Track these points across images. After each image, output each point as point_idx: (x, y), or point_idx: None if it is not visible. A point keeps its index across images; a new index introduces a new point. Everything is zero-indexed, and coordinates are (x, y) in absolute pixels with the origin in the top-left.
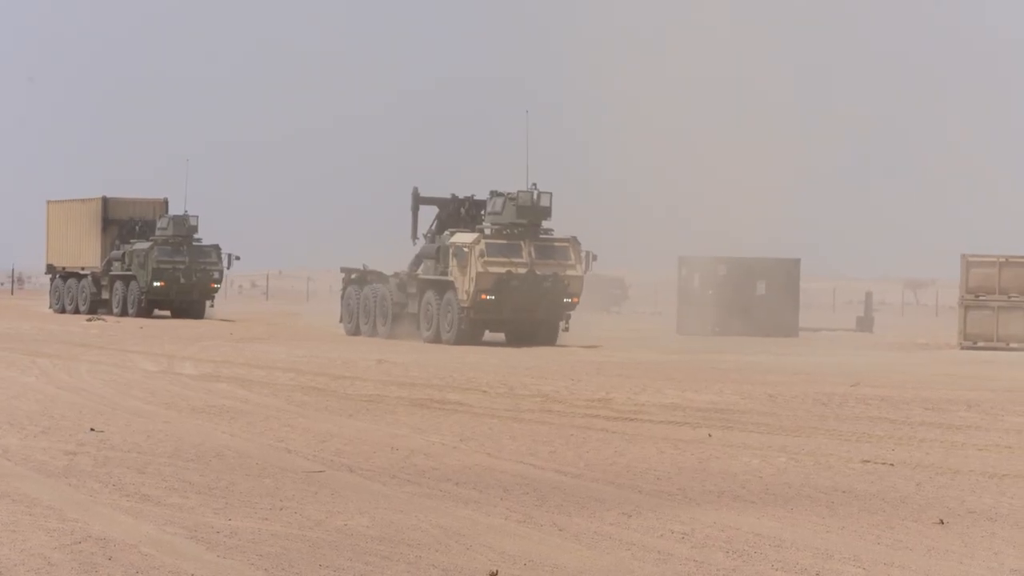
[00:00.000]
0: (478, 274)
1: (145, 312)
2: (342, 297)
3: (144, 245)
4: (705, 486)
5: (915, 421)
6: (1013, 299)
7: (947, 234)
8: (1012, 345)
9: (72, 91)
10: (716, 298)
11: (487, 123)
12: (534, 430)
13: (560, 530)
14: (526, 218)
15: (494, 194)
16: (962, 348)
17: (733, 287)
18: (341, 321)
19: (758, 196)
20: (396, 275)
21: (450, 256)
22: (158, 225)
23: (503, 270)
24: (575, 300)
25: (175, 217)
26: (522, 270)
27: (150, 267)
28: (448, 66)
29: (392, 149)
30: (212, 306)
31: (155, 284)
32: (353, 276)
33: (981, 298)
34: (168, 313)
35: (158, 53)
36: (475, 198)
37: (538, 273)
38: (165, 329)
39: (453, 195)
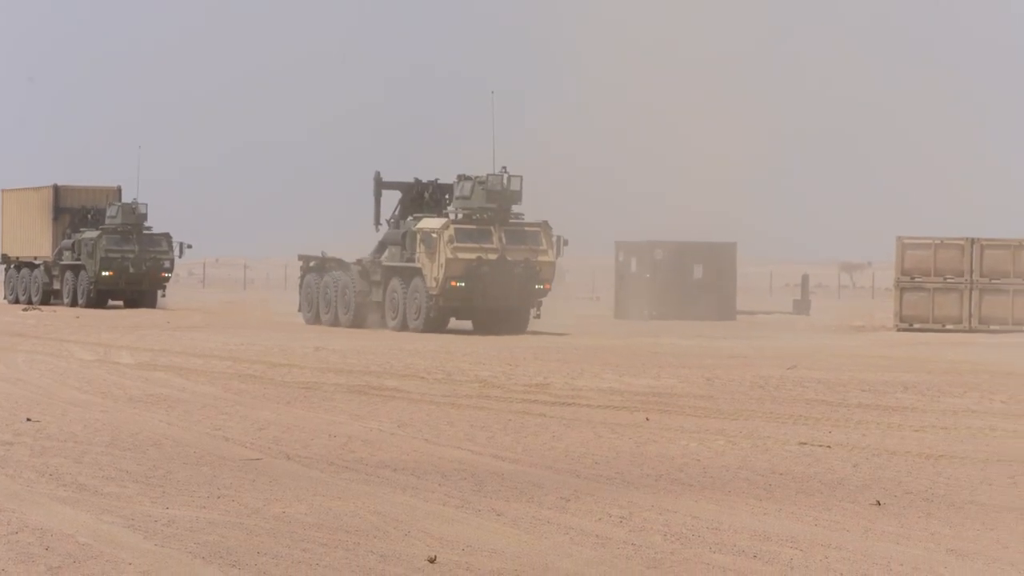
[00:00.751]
0: (447, 260)
1: (96, 303)
2: (300, 285)
3: (93, 234)
4: (643, 470)
5: (852, 403)
6: (948, 281)
7: (882, 217)
8: (948, 326)
9: (36, 81)
10: (653, 282)
11: (445, 106)
12: (472, 416)
13: (498, 515)
14: (496, 202)
15: (462, 178)
16: (898, 330)
17: (670, 271)
18: (300, 310)
19: (695, 180)
20: (358, 262)
21: (417, 242)
22: (107, 213)
23: (473, 256)
24: (547, 286)
25: (124, 205)
26: (493, 256)
27: (98, 256)
28: (407, 50)
29: (338, 133)
30: (164, 295)
31: (104, 273)
32: (312, 264)
33: (917, 280)
34: (121, 303)
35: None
36: (439, 182)
37: (509, 259)
38: (102, 318)
39: (416, 179)
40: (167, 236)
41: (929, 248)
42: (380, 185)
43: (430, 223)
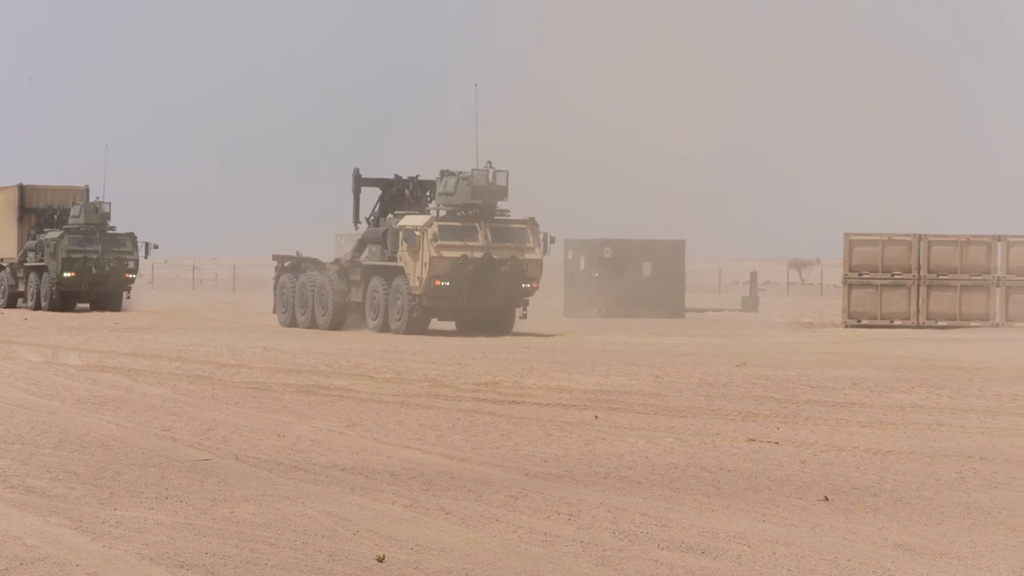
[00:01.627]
0: (431, 259)
1: (61, 305)
2: (275, 286)
3: (55, 234)
4: (592, 468)
5: (800, 399)
6: (896, 277)
7: (831, 214)
8: (895, 322)
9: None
10: (602, 280)
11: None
12: (421, 415)
13: (447, 514)
14: (481, 198)
15: (445, 173)
16: (846, 326)
17: (619, 269)
18: (275, 312)
19: (643, 178)
20: (336, 262)
21: (400, 240)
22: (71, 213)
23: (458, 254)
24: (534, 285)
25: (87, 204)
26: (478, 254)
27: (60, 257)
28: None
29: (301, 130)
30: (129, 297)
31: (65, 275)
32: (287, 264)
33: (864, 276)
34: (88, 306)
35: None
36: (420, 178)
37: (495, 257)
38: (50, 320)
39: (396, 175)
40: (131, 236)
41: (877, 245)
42: (359, 182)
43: (413, 220)
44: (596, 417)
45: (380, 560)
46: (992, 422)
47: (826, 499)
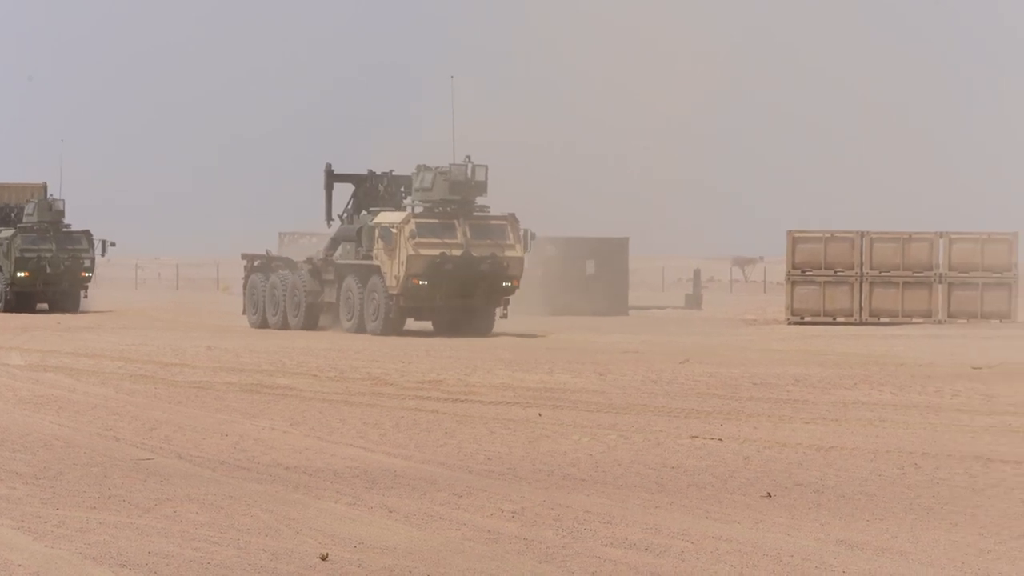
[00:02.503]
0: (408, 257)
1: (16, 306)
2: (244, 286)
3: (8, 233)
4: (535, 465)
5: (743, 396)
6: (839, 274)
7: (774, 211)
8: (838, 319)
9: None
10: (546, 278)
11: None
12: (364, 413)
13: (390, 512)
14: (459, 194)
15: (422, 168)
16: (789, 323)
17: (562, 267)
18: (244, 312)
19: (588, 176)
20: (308, 260)
21: (375, 238)
22: (25, 211)
23: (436, 252)
24: (515, 283)
25: (40, 201)
26: (457, 252)
27: (13, 256)
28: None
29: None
30: (86, 296)
31: (19, 274)
32: (256, 263)
33: (807, 273)
34: (47, 307)
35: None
36: (394, 174)
37: (474, 255)
38: None
39: (370, 171)
40: (87, 233)
41: (819, 242)
42: (331, 178)
43: (389, 217)
44: (540, 415)
45: (323, 558)
46: (934, 418)
47: (769, 495)
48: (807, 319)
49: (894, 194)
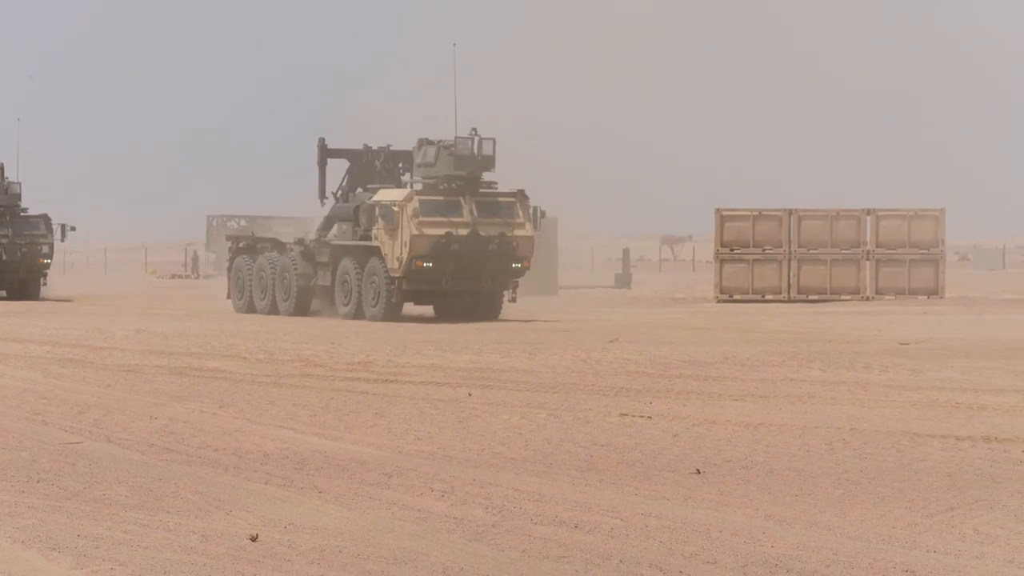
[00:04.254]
0: (412, 237)
1: None
2: (229, 269)
3: None
4: (465, 444)
5: (672, 374)
6: (767, 252)
7: (702, 190)
8: (767, 297)
9: None
10: None
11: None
12: (294, 394)
13: (320, 492)
14: (466, 169)
15: (424, 142)
16: (718, 301)
17: None
18: (229, 297)
19: (517, 156)
20: (299, 241)
21: (375, 217)
22: None
23: (441, 232)
24: (525, 265)
25: None
26: (463, 231)
27: None
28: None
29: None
30: (45, 284)
31: None
32: (242, 244)
33: (736, 252)
34: (5, 295)
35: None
36: (391, 148)
37: (482, 234)
38: None
39: (366, 146)
40: (45, 218)
41: (748, 220)
42: (325, 153)
43: (390, 194)
44: (470, 394)
45: (253, 539)
46: (862, 394)
47: (698, 472)
48: (736, 297)
49: (821, 171)
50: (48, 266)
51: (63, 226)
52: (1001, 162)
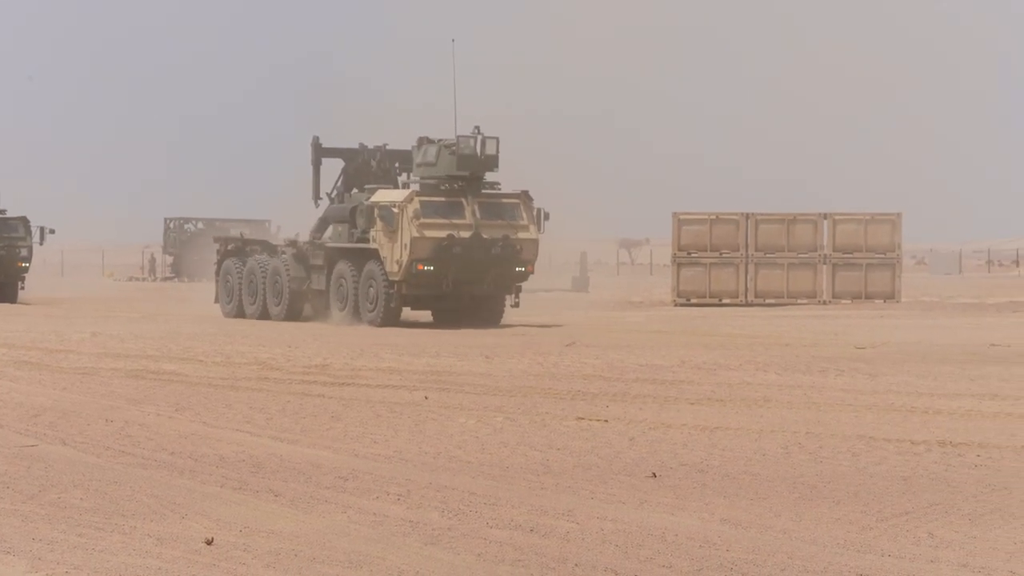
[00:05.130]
0: (412, 239)
1: None
2: (217, 272)
3: None
4: (421, 448)
5: (629, 378)
6: (724, 256)
7: (660, 193)
8: (724, 301)
9: None
10: None
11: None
12: (251, 398)
13: (276, 496)
14: (468, 169)
15: (424, 141)
16: (676, 305)
17: None
18: (217, 301)
19: None
20: (292, 243)
21: (374, 218)
22: None
23: (443, 234)
24: (529, 269)
25: None
26: (466, 234)
27: None
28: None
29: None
30: (23, 288)
31: None
32: (230, 246)
33: (693, 255)
34: None
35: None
36: (388, 147)
37: (485, 237)
38: None
39: (361, 144)
40: (24, 220)
41: (705, 224)
42: (319, 152)
43: (389, 195)
44: (426, 398)
45: (208, 543)
46: (818, 397)
47: (654, 476)
48: (693, 301)
49: (778, 176)
50: (27, 269)
51: (42, 228)
52: (958, 167)
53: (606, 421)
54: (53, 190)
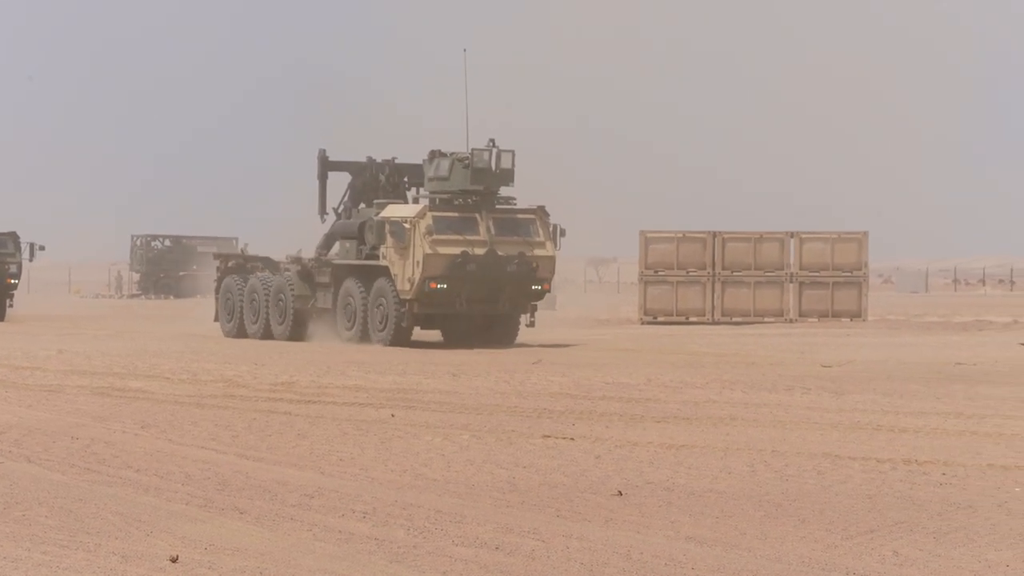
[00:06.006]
0: (425, 256)
1: None
2: (217, 290)
3: None
4: (387, 465)
5: (596, 396)
6: (691, 274)
7: (628, 212)
8: (691, 319)
9: None
10: None
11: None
12: (217, 415)
13: (242, 513)
14: (483, 184)
15: (436, 155)
16: (643, 323)
17: None
18: (216, 320)
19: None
20: (296, 260)
21: (384, 234)
22: None
23: (457, 251)
24: (546, 287)
25: None
26: (480, 250)
27: None
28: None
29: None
30: (11, 306)
31: None
32: (231, 263)
33: (660, 273)
34: None
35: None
36: (397, 161)
37: (500, 254)
38: None
39: (369, 158)
40: (13, 236)
41: (672, 242)
42: (325, 166)
43: (400, 210)
44: (392, 416)
45: (174, 560)
46: (784, 415)
47: (620, 494)
48: (660, 319)
49: (745, 194)
50: (16, 286)
51: (32, 245)
52: (924, 185)
53: (572, 439)
54: (17, 206)
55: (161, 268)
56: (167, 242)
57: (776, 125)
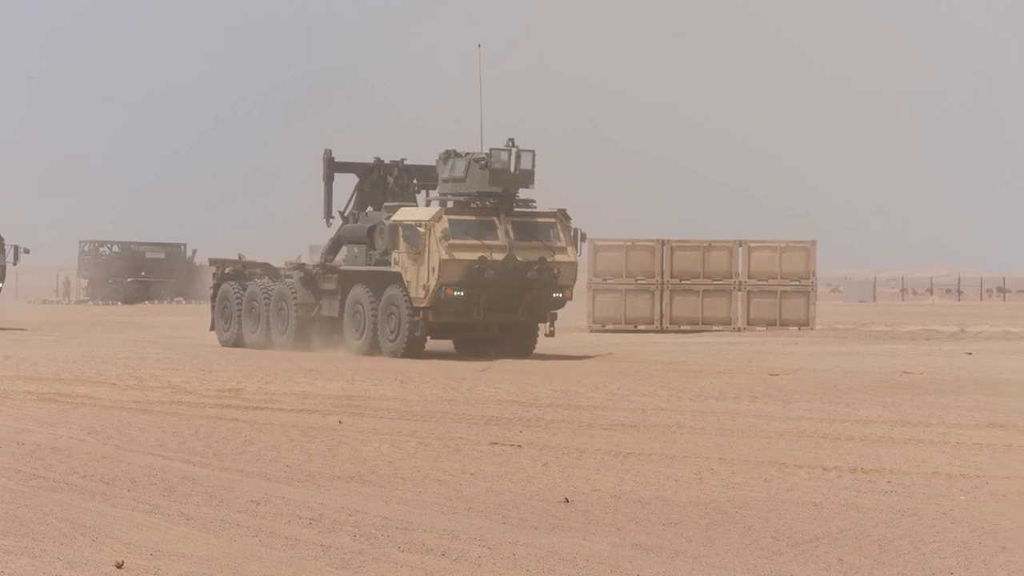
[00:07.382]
0: (441, 262)
1: None
2: (214, 297)
3: None
4: (334, 472)
5: (543, 403)
6: (640, 282)
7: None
8: (640, 327)
9: None
10: None
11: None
12: (163, 421)
13: (187, 519)
14: (501, 185)
15: (451, 155)
16: (591, 331)
17: None
18: (212, 328)
19: None
20: (299, 266)
21: (398, 239)
22: None
23: (474, 256)
24: (567, 295)
25: None
26: (499, 256)
27: None
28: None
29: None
30: None
31: None
32: (228, 270)
33: (608, 281)
34: None
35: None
36: (406, 163)
37: (520, 259)
38: None
39: (377, 159)
40: None
41: (621, 250)
42: (331, 167)
43: (414, 213)
44: (340, 422)
45: (119, 566)
46: (731, 423)
47: (567, 500)
48: (609, 327)
49: (693, 202)
50: None
51: (16, 248)
52: (872, 195)
53: (519, 446)
54: None
55: (109, 274)
56: (115, 248)
57: (724, 135)
